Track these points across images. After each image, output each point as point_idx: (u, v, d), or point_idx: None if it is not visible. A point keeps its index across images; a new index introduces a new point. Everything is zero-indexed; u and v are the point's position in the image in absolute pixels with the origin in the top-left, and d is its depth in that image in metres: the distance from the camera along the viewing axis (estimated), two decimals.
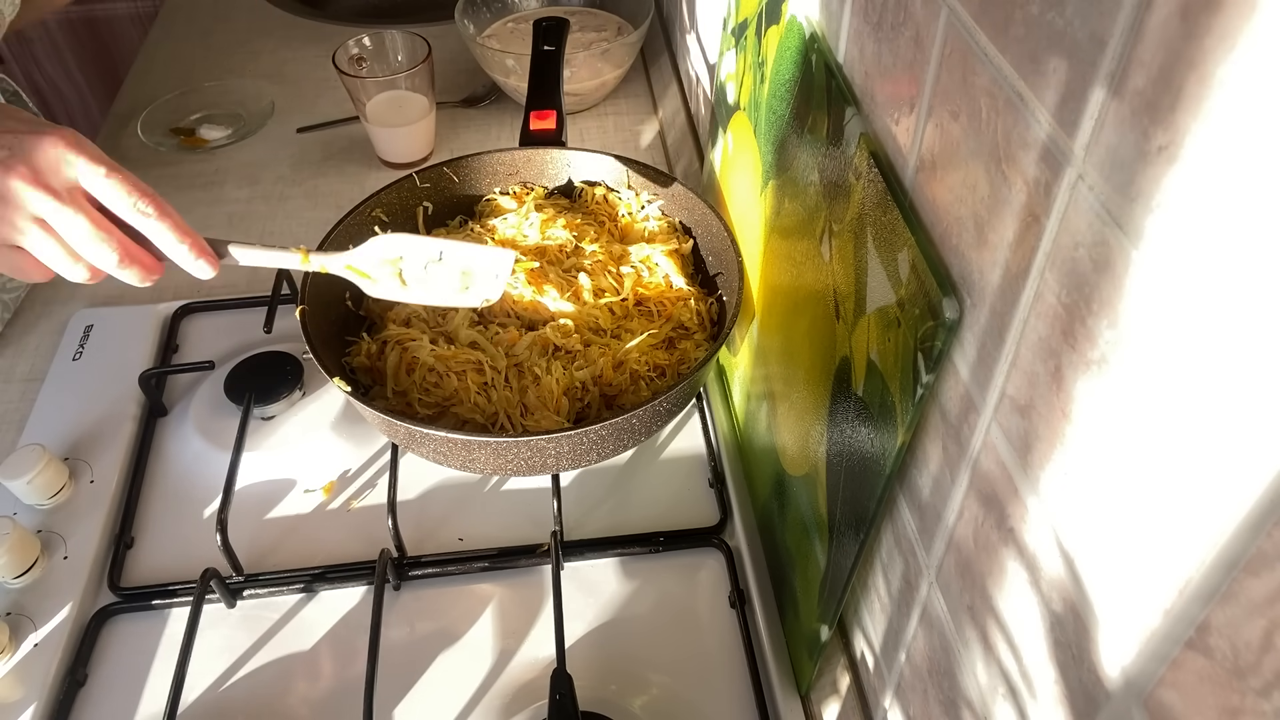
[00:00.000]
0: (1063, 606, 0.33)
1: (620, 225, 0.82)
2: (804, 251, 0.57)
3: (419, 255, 0.65)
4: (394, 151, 1.06)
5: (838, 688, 0.60)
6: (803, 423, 0.58)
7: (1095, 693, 0.32)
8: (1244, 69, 0.23)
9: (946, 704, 0.45)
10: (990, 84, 0.35)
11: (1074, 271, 0.31)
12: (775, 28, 0.62)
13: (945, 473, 0.43)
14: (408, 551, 0.70)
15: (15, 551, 0.66)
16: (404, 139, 1.04)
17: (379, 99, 1.01)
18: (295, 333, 0.68)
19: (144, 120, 1.13)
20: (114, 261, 0.56)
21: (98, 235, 0.55)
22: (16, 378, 0.85)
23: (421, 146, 1.07)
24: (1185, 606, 0.27)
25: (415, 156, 1.07)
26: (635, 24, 1.14)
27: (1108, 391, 0.29)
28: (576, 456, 0.65)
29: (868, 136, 0.48)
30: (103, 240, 0.55)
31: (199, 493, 0.75)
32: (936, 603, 0.45)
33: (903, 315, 0.42)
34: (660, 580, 0.70)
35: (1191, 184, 0.25)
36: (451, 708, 0.63)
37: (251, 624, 0.68)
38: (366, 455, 0.77)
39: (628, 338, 0.71)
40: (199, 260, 0.58)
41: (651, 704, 0.63)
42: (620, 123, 1.14)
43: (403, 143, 1.05)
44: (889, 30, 0.45)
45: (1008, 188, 0.35)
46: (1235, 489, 0.24)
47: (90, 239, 0.55)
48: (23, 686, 0.63)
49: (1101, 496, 0.30)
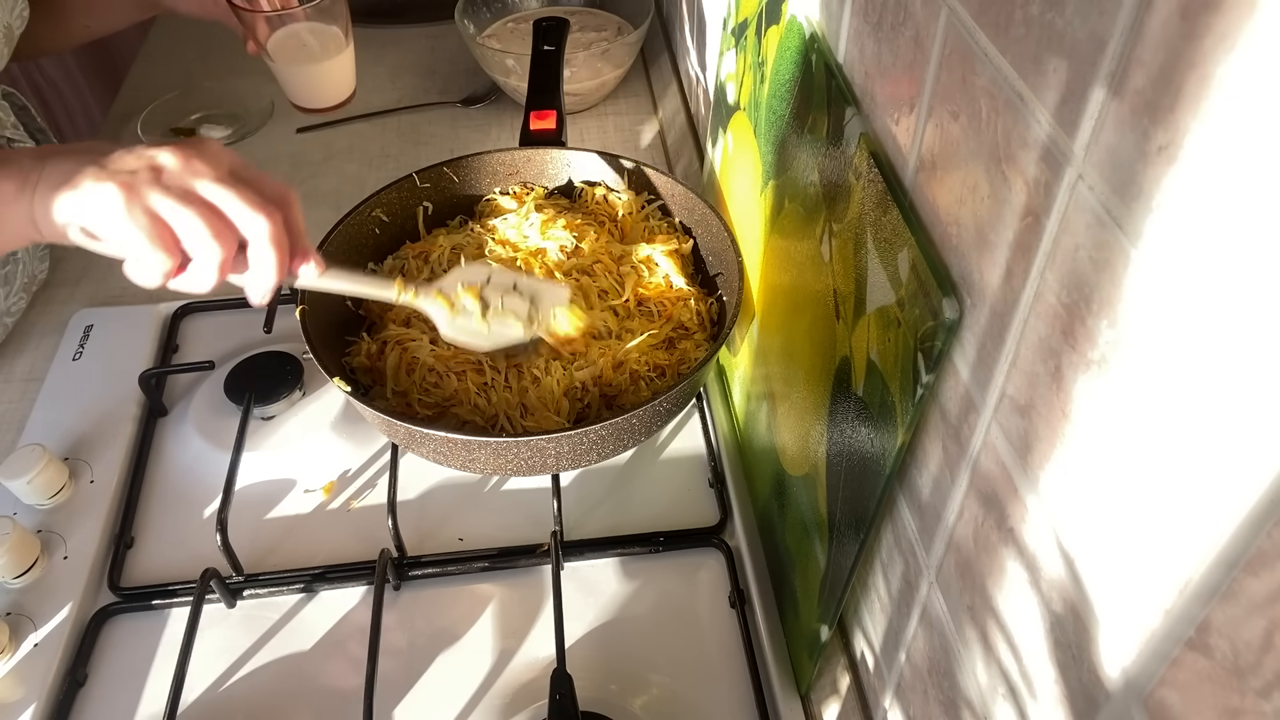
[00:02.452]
0: (1063, 606, 0.33)
1: (620, 225, 0.82)
2: (804, 251, 0.57)
3: (501, 281, 0.67)
4: (308, 95, 0.94)
5: (838, 688, 0.60)
6: (803, 423, 0.58)
7: (1095, 693, 0.32)
8: (1244, 69, 0.23)
9: (946, 704, 0.45)
10: (990, 84, 0.35)
11: (1074, 271, 0.31)
12: (775, 28, 0.62)
13: (945, 473, 0.43)
14: (408, 551, 0.70)
15: (15, 551, 0.66)
16: (319, 79, 0.92)
17: (280, 35, 0.89)
18: (295, 333, 0.68)
19: (144, 120, 1.13)
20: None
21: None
22: (16, 378, 0.85)
23: (340, 87, 0.94)
24: (1185, 606, 0.27)
25: (334, 100, 0.94)
26: (635, 24, 1.14)
27: (1108, 391, 0.29)
28: (576, 456, 0.65)
29: (868, 136, 0.48)
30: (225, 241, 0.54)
31: (199, 493, 0.75)
32: (936, 603, 0.45)
33: (903, 315, 0.42)
34: (660, 580, 0.70)
35: (1191, 184, 0.25)
36: (451, 708, 0.63)
37: (251, 624, 0.68)
38: (366, 455, 0.77)
39: (628, 338, 0.71)
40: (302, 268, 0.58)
41: (651, 704, 0.63)
42: (620, 123, 1.14)
43: (318, 84, 0.93)
44: (889, 30, 0.45)
45: (1008, 188, 0.35)
46: (1235, 488, 0.24)
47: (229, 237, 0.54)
48: (23, 686, 0.63)
49: (1101, 496, 0.30)
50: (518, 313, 0.66)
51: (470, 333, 0.66)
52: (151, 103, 1.16)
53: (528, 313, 0.66)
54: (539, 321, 0.67)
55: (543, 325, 0.67)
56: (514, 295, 0.67)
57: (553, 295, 0.68)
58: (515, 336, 0.66)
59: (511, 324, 0.66)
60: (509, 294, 0.66)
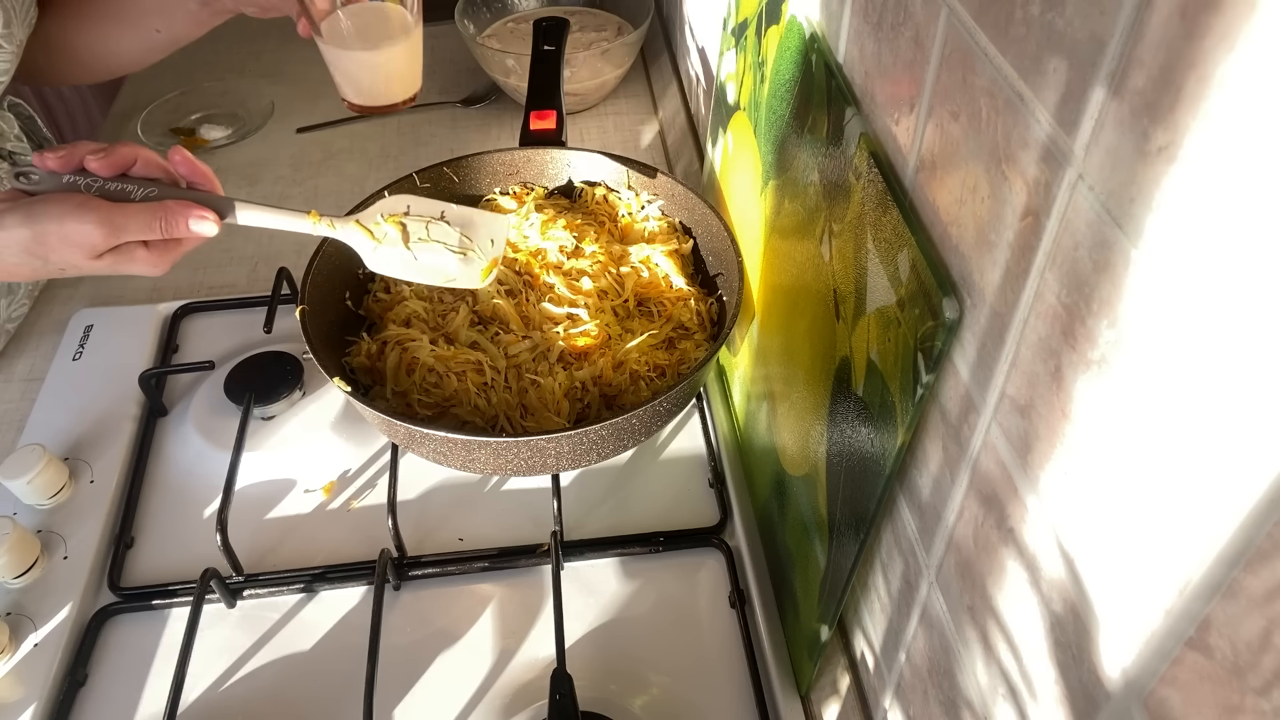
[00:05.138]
0: (1063, 606, 0.33)
1: (620, 225, 0.82)
2: (804, 252, 0.57)
3: (423, 210, 0.66)
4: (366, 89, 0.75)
5: (838, 688, 0.60)
6: (803, 423, 0.58)
7: (1095, 693, 0.32)
8: (1244, 69, 0.23)
9: (946, 704, 0.45)
10: (990, 84, 0.35)
11: (1074, 271, 0.31)
12: (775, 28, 0.62)
13: (945, 473, 0.43)
14: (408, 551, 0.70)
15: (15, 551, 0.66)
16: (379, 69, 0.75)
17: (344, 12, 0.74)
18: (295, 333, 0.68)
19: (144, 120, 1.13)
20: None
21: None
22: (16, 378, 0.85)
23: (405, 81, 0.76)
24: (1186, 606, 0.27)
25: (398, 96, 0.77)
26: (635, 24, 1.14)
27: (1108, 391, 0.29)
28: (576, 456, 0.65)
29: (868, 136, 0.48)
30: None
31: (199, 493, 0.75)
32: (936, 603, 0.45)
33: (903, 315, 0.42)
34: (660, 580, 0.70)
35: (1191, 184, 0.25)
36: (451, 708, 0.63)
37: (251, 624, 0.68)
38: (366, 455, 0.77)
39: (628, 338, 0.71)
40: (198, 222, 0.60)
41: (651, 704, 0.63)
42: (620, 123, 1.14)
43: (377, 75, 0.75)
44: (889, 30, 0.45)
45: (1008, 188, 0.35)
46: (1236, 487, 0.24)
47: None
48: (23, 686, 0.63)
49: (1101, 496, 0.30)
50: (446, 241, 0.65)
51: (397, 263, 0.65)
52: (151, 103, 1.16)
53: (459, 241, 0.65)
54: (476, 251, 0.65)
55: (484, 254, 0.65)
56: (440, 224, 0.65)
57: (490, 225, 0.66)
58: (448, 267, 0.65)
59: (441, 252, 0.65)
60: (434, 223, 0.65)
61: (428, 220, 0.66)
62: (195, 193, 0.61)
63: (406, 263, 0.65)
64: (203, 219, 0.60)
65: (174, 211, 0.59)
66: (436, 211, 0.67)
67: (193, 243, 0.62)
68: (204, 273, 0.95)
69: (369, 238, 0.65)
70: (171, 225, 0.59)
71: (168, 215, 0.59)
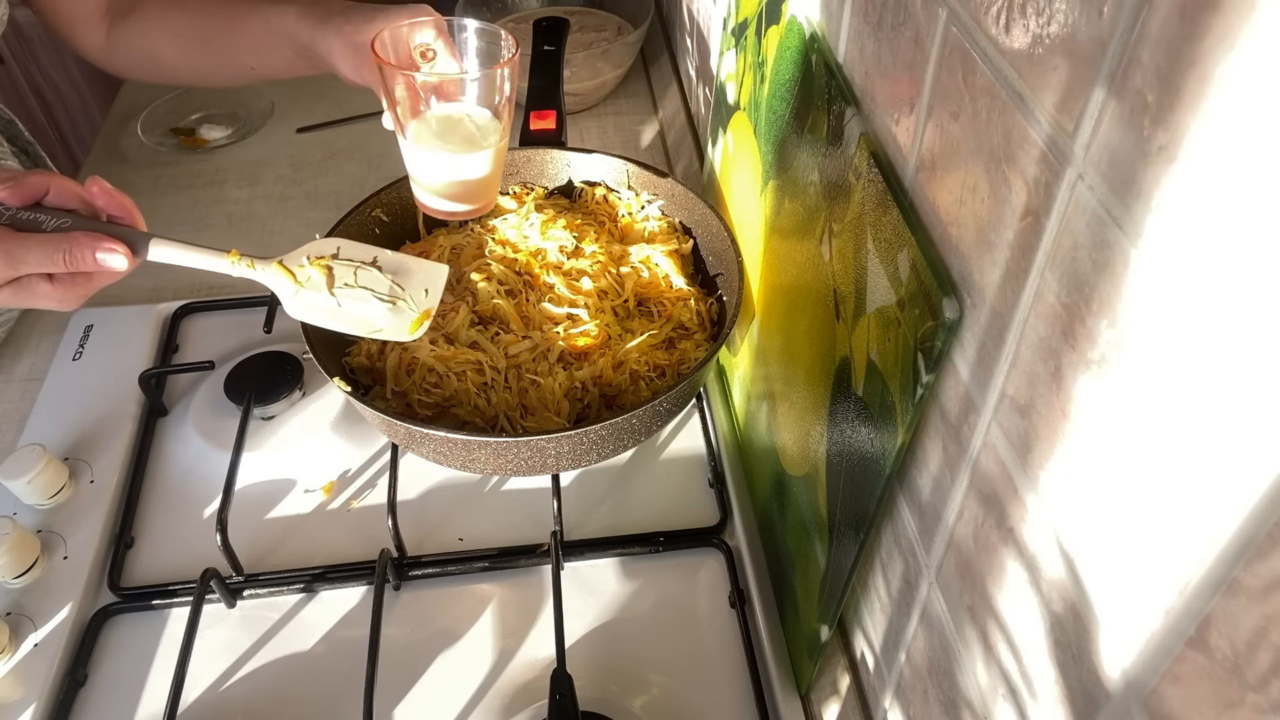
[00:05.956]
0: (1063, 606, 0.33)
1: (620, 225, 0.82)
2: (804, 252, 0.57)
3: (353, 255, 0.63)
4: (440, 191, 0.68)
5: (838, 688, 0.60)
6: (803, 423, 0.58)
7: (1095, 693, 0.32)
8: (1243, 69, 0.23)
9: (946, 704, 0.45)
10: (990, 84, 0.35)
11: (1074, 271, 0.31)
12: (775, 28, 0.62)
13: (945, 473, 0.43)
14: (408, 551, 0.70)
15: (15, 551, 0.66)
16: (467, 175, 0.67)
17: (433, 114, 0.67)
18: (295, 333, 0.68)
19: (144, 120, 1.13)
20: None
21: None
22: (16, 378, 0.85)
23: (480, 189, 0.69)
24: (1186, 605, 0.27)
25: (477, 203, 0.70)
26: (635, 24, 1.14)
27: (1108, 391, 0.29)
28: (576, 456, 0.65)
29: (868, 136, 0.48)
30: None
31: (199, 493, 0.75)
32: (936, 603, 0.45)
33: (903, 315, 0.42)
34: (660, 580, 0.70)
35: (1191, 184, 0.25)
36: (451, 708, 0.63)
37: (251, 624, 0.68)
38: (366, 455, 0.77)
39: (628, 338, 0.71)
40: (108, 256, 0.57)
41: (651, 704, 0.63)
42: (620, 123, 1.14)
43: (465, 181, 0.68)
44: (889, 30, 0.45)
45: (1008, 188, 0.35)
46: (1236, 487, 0.24)
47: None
48: (23, 686, 0.63)
49: (1101, 496, 0.30)
50: (375, 288, 0.61)
51: (318, 310, 0.61)
52: (151, 103, 1.16)
53: (390, 289, 0.62)
54: (408, 301, 0.62)
55: (416, 305, 0.62)
56: (370, 270, 0.62)
57: (426, 274, 0.63)
58: (374, 317, 0.62)
59: (368, 300, 0.61)
60: (364, 268, 0.62)
61: (357, 265, 0.62)
62: (109, 225, 0.57)
63: (328, 310, 0.62)
64: (111, 251, 0.56)
65: (79, 243, 0.55)
66: (369, 256, 0.63)
67: (104, 278, 0.58)
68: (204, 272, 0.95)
69: (291, 280, 0.61)
70: (76, 258, 0.55)
71: (72, 247, 0.55)
